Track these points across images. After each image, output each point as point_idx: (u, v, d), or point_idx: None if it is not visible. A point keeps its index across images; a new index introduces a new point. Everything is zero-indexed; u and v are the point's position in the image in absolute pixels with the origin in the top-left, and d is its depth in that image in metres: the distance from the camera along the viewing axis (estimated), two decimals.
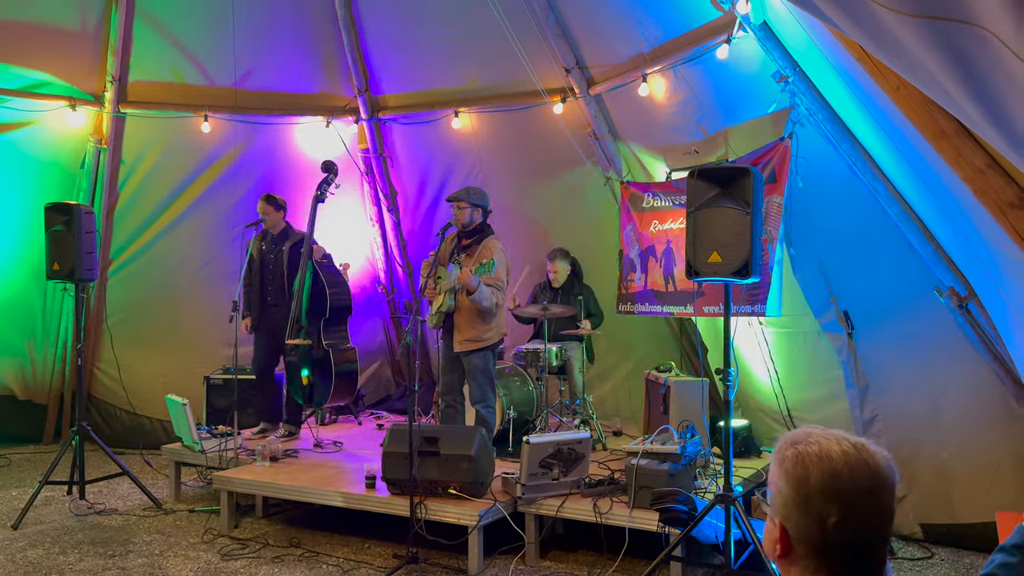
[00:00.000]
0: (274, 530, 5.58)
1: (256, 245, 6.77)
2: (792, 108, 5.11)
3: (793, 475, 1.43)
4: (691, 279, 4.62)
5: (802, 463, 1.42)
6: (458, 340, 5.70)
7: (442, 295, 5.71)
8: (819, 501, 1.40)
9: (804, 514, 1.42)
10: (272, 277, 6.66)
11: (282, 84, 7.75)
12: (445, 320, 5.78)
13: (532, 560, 4.88)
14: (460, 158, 7.67)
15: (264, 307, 6.62)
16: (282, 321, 6.57)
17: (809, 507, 1.41)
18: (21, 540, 5.31)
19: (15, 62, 6.96)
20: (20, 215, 7.34)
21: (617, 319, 6.93)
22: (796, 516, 1.43)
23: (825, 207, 5.27)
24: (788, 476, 1.44)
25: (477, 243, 5.79)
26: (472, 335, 5.66)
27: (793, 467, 1.43)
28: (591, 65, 6.62)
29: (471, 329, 5.66)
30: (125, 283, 7.95)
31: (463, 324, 5.68)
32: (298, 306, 6.40)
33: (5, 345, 7.77)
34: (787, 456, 1.45)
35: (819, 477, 1.40)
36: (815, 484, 1.40)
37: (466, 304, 5.63)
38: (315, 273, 6.45)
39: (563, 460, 4.87)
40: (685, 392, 5.74)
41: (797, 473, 1.42)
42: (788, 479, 1.44)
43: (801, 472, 1.42)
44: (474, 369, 5.73)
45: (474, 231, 5.81)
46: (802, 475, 1.42)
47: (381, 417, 7.79)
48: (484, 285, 5.49)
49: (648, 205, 6.61)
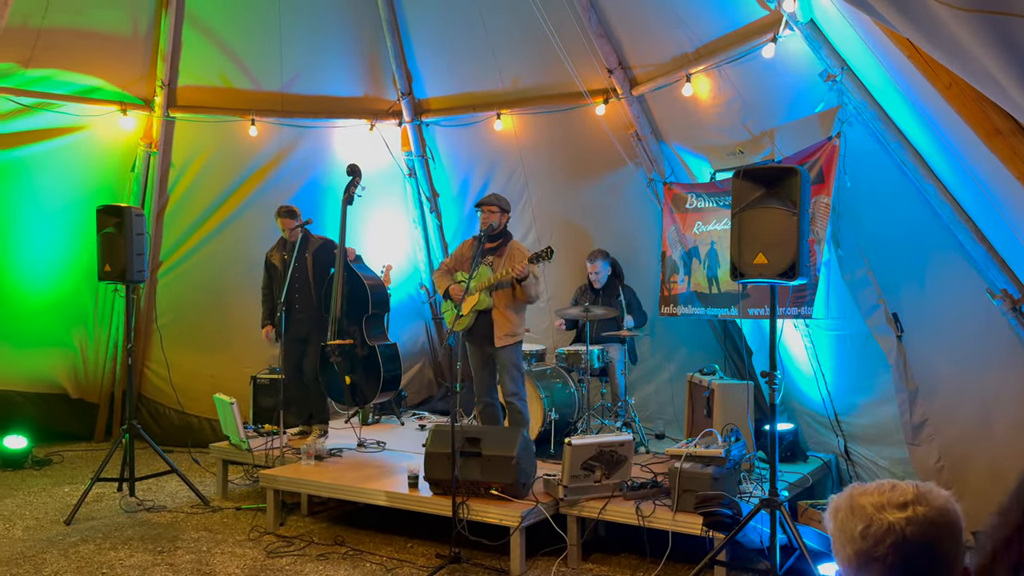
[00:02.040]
0: (319, 528, 5.64)
1: (277, 255, 6.82)
2: (840, 107, 5.03)
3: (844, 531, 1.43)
4: (736, 281, 4.58)
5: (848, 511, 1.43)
6: (498, 336, 5.81)
7: (476, 294, 5.80)
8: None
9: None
10: (299, 285, 6.67)
11: (327, 88, 7.84)
12: (476, 319, 5.84)
13: (574, 562, 4.87)
14: (502, 160, 7.68)
15: (291, 314, 6.63)
16: (310, 326, 6.64)
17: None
18: (74, 535, 5.43)
19: (68, 68, 7.14)
20: (73, 218, 7.52)
21: (660, 321, 6.88)
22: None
23: (874, 208, 5.18)
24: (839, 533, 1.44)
25: (503, 245, 5.92)
26: (509, 330, 5.82)
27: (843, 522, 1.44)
28: (634, 65, 6.59)
29: (508, 324, 5.82)
30: (174, 284, 8.10)
31: (500, 320, 5.81)
32: (337, 307, 6.46)
33: (58, 345, 7.96)
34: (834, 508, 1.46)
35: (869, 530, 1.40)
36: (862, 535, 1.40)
37: (503, 300, 5.80)
38: (351, 273, 6.51)
39: (605, 462, 4.85)
40: (729, 395, 5.68)
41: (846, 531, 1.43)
42: (839, 534, 1.44)
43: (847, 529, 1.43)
44: (508, 363, 5.86)
45: (499, 235, 5.95)
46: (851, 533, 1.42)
47: (424, 418, 7.82)
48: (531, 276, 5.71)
49: (692, 206, 6.55)
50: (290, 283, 6.60)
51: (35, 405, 7.99)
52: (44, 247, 7.69)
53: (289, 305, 6.55)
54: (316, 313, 6.65)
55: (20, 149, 7.26)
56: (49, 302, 7.80)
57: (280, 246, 6.87)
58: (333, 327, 6.47)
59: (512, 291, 5.81)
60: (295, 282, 6.66)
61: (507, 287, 5.79)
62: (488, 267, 5.83)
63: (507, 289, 5.82)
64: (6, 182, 7.36)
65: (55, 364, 8.04)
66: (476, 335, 5.91)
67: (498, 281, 5.74)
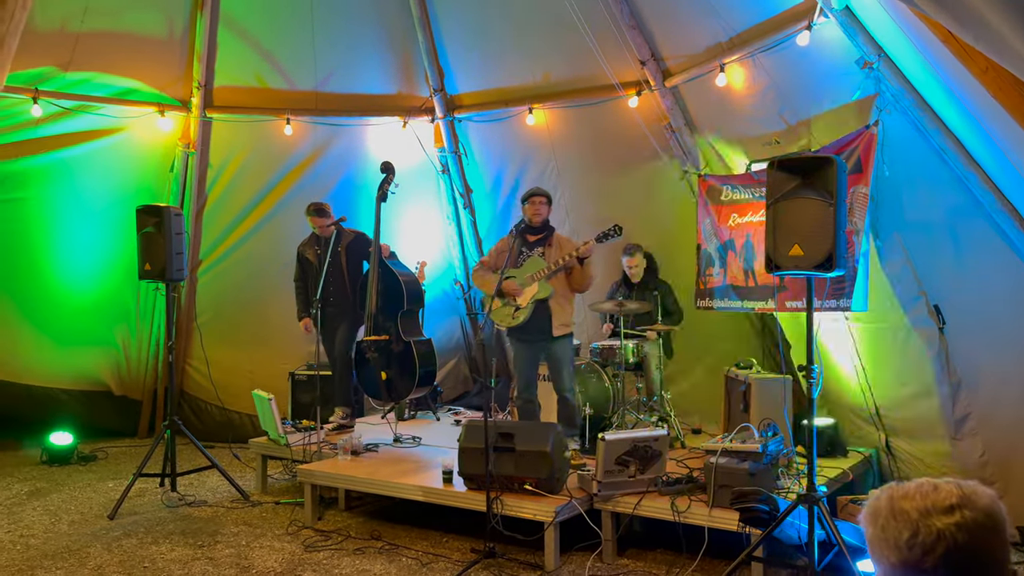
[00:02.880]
0: (356, 522, 5.68)
1: (311, 250, 6.86)
2: (877, 95, 4.93)
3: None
4: (770, 273, 4.51)
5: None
6: (556, 326, 5.86)
7: (535, 284, 5.81)
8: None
9: None
10: (333, 279, 6.74)
11: (361, 86, 7.89)
12: (533, 311, 5.84)
13: (609, 557, 4.84)
14: (534, 155, 7.66)
15: (326, 308, 6.68)
16: (342, 320, 6.69)
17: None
18: (116, 530, 5.54)
19: (106, 71, 7.27)
20: (114, 218, 7.65)
21: (696, 315, 6.82)
22: None
23: (913, 197, 5.08)
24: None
25: (548, 236, 5.96)
26: (564, 319, 5.89)
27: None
28: (667, 56, 6.52)
29: (564, 313, 5.90)
30: (214, 282, 8.22)
31: (558, 309, 5.87)
32: (372, 303, 6.49)
33: (102, 343, 8.12)
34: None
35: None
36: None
37: (560, 289, 5.85)
38: (385, 269, 6.54)
39: (639, 457, 4.82)
40: (767, 390, 5.61)
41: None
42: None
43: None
44: (563, 357, 5.93)
45: (543, 227, 5.97)
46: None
47: (459, 413, 7.85)
48: None
49: (727, 198, 6.48)
50: (325, 278, 6.65)
51: (80, 402, 8.16)
52: (87, 247, 7.84)
53: (324, 300, 6.61)
54: (351, 306, 6.72)
55: (61, 151, 7.41)
56: (92, 301, 7.96)
57: (313, 241, 6.95)
58: (369, 323, 6.51)
59: (567, 279, 5.86)
60: (330, 276, 6.73)
61: (564, 272, 5.84)
62: (540, 258, 5.88)
63: (562, 277, 5.87)
64: (49, 184, 7.53)
65: (99, 362, 8.20)
66: (530, 329, 5.90)
67: (562, 265, 5.77)
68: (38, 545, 5.23)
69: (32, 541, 5.31)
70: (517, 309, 5.87)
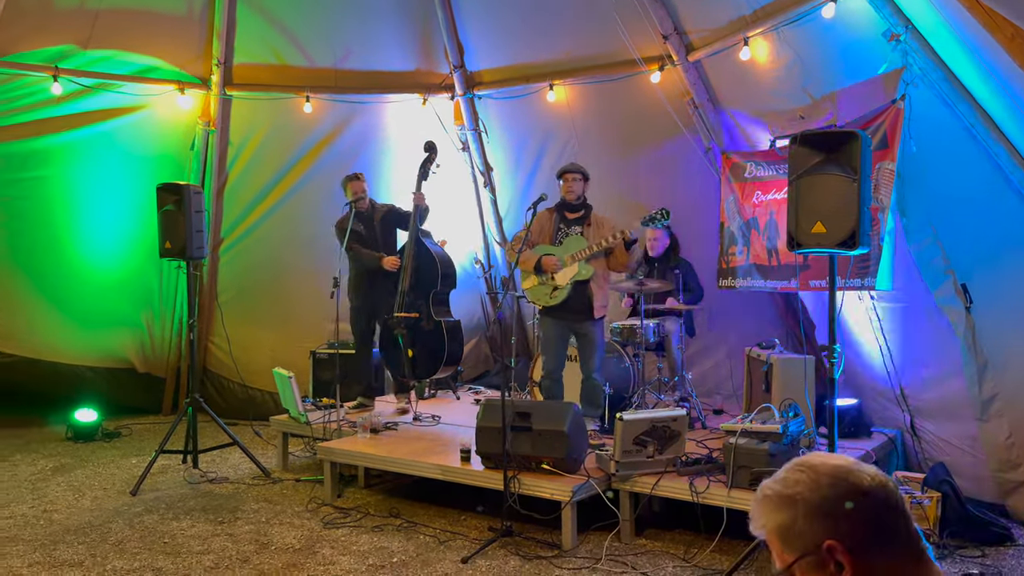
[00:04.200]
0: (375, 500, 5.70)
1: (352, 223, 6.82)
2: (904, 68, 4.80)
3: (812, 480, 1.40)
4: (792, 251, 4.45)
5: (808, 468, 1.42)
6: (597, 307, 5.84)
7: (575, 265, 5.78)
8: (835, 498, 1.37)
9: (842, 506, 1.36)
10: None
11: (380, 63, 7.82)
12: (572, 291, 5.81)
13: (627, 537, 4.82)
14: (555, 132, 7.58)
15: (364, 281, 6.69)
16: (380, 295, 6.66)
17: (835, 509, 1.36)
18: (138, 506, 5.59)
19: (126, 48, 7.27)
20: (136, 196, 7.66)
21: (719, 294, 6.74)
22: (839, 516, 1.36)
23: (941, 173, 4.95)
24: (808, 486, 1.40)
25: (587, 215, 5.91)
26: (603, 300, 5.89)
27: (801, 477, 1.41)
28: (690, 30, 6.40)
29: (602, 295, 5.89)
30: (235, 261, 8.25)
31: (597, 291, 5.84)
32: (406, 280, 6.47)
33: (125, 321, 8.19)
34: (786, 478, 1.42)
35: (830, 469, 1.40)
36: (832, 474, 1.39)
37: (600, 270, 5.83)
38: (422, 247, 6.51)
39: (658, 438, 4.77)
40: (789, 370, 5.53)
41: (812, 477, 1.40)
42: (810, 488, 1.39)
43: (813, 476, 1.41)
44: (597, 339, 5.93)
45: (581, 204, 5.91)
46: (816, 476, 1.40)
47: (479, 392, 7.84)
48: None
49: (751, 175, 6.37)
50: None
51: (104, 380, 8.25)
52: (109, 226, 7.89)
53: (366, 273, 6.62)
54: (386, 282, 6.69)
55: (83, 129, 7.44)
56: (116, 279, 8.02)
57: (353, 216, 6.81)
58: (400, 300, 6.49)
59: (606, 260, 5.82)
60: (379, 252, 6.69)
61: (602, 256, 5.79)
62: (579, 236, 5.82)
63: (601, 259, 5.81)
64: (70, 162, 7.57)
65: (123, 340, 8.27)
66: (568, 308, 5.86)
67: (607, 246, 5.71)
68: (61, 520, 5.30)
69: (56, 516, 5.38)
70: (556, 289, 5.82)
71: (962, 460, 5.18)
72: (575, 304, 5.83)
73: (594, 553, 4.64)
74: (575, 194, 5.87)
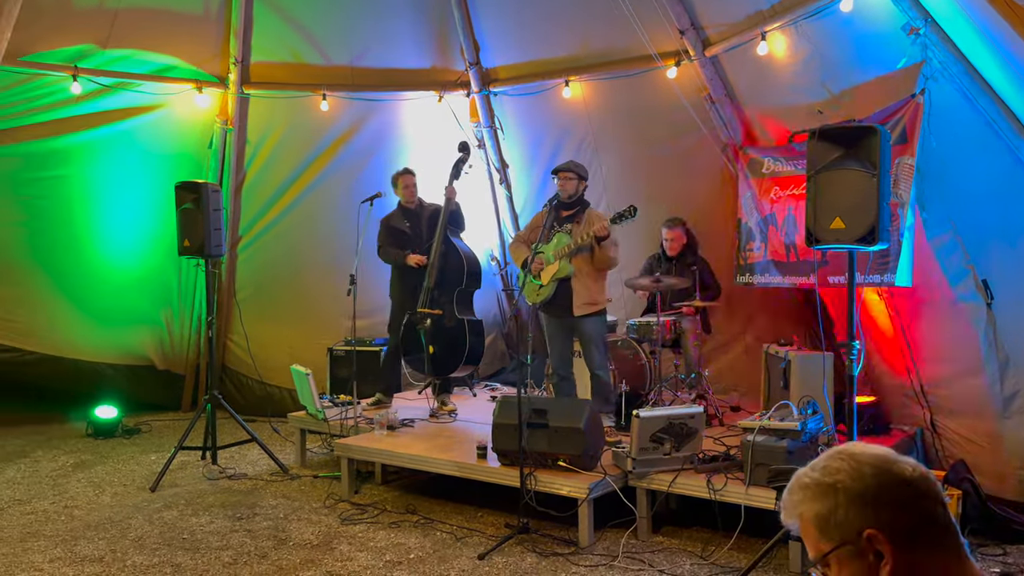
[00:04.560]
0: (392, 496, 5.72)
1: (402, 224, 6.77)
2: (924, 62, 4.74)
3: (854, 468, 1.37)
4: (811, 247, 4.43)
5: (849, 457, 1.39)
6: (577, 305, 5.80)
7: (556, 263, 5.74)
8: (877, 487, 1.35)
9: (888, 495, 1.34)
10: (421, 251, 6.65)
11: (395, 61, 7.83)
12: (556, 289, 5.79)
13: (644, 535, 4.81)
14: (570, 128, 7.56)
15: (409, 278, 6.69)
16: (412, 291, 6.66)
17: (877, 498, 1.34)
18: (158, 502, 5.64)
19: (144, 47, 7.31)
20: (155, 194, 7.71)
21: (736, 290, 6.70)
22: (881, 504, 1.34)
23: (961, 168, 4.90)
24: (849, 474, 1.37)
25: (580, 212, 5.88)
26: (588, 298, 5.80)
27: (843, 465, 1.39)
28: (706, 25, 6.36)
29: (587, 292, 5.81)
30: (253, 259, 8.29)
31: (580, 288, 5.80)
32: (432, 276, 6.48)
33: (145, 318, 8.25)
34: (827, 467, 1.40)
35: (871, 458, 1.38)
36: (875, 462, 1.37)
37: (583, 268, 5.78)
38: (450, 246, 6.51)
39: (675, 435, 4.76)
40: (807, 367, 5.50)
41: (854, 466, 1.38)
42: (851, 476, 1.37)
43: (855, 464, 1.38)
44: (592, 335, 5.87)
45: (575, 203, 5.91)
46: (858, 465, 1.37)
47: (495, 389, 7.84)
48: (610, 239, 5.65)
49: (768, 171, 6.33)
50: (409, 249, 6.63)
51: (125, 376, 8.32)
52: (129, 225, 7.95)
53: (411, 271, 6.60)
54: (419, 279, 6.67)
55: (102, 128, 7.49)
56: (135, 277, 8.07)
57: (402, 214, 6.81)
58: (425, 296, 6.50)
59: (591, 257, 5.77)
60: (412, 247, 6.66)
61: (587, 252, 5.76)
62: (566, 234, 5.82)
63: (586, 255, 5.79)
64: (90, 162, 7.62)
65: (143, 337, 8.33)
66: (555, 306, 5.90)
67: (579, 245, 5.70)
68: (82, 516, 5.36)
69: (76, 512, 5.44)
70: (541, 287, 5.85)
71: (983, 457, 5.13)
72: (561, 301, 5.86)
73: (611, 550, 4.63)
74: (567, 192, 5.86)
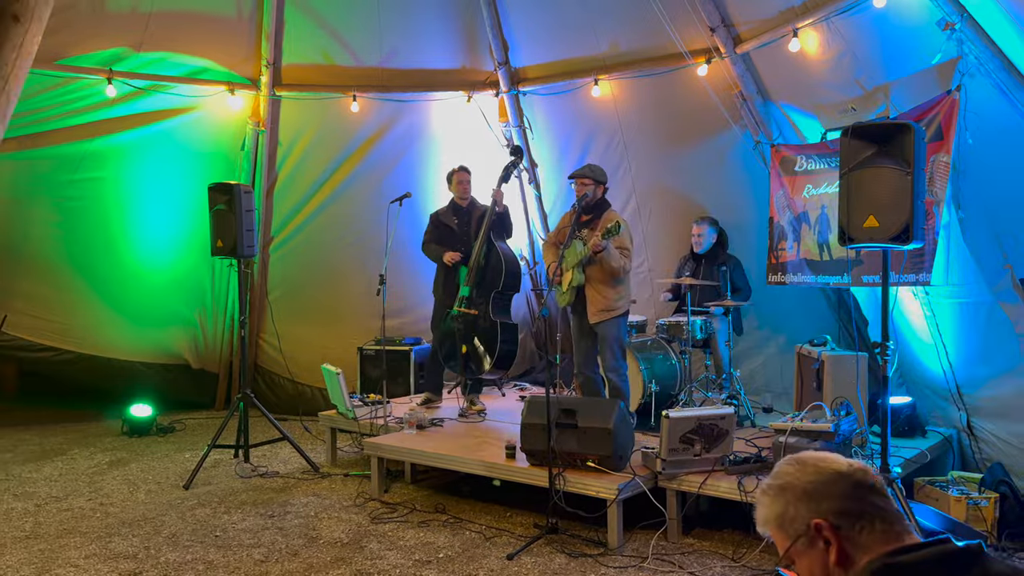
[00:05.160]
0: (421, 496, 5.74)
1: (451, 219, 6.75)
2: (960, 58, 4.66)
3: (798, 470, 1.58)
4: (844, 245, 4.37)
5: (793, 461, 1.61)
6: (592, 312, 5.77)
7: (570, 271, 5.76)
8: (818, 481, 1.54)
9: (826, 488, 1.53)
10: (466, 249, 6.65)
11: (425, 61, 7.86)
12: (577, 294, 5.81)
13: (674, 536, 4.77)
14: (600, 127, 7.53)
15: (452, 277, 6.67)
16: (453, 290, 6.67)
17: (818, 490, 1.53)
18: (191, 499, 5.70)
19: (177, 50, 7.42)
20: (189, 196, 7.81)
21: (769, 290, 6.63)
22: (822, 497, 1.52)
23: (999, 165, 4.80)
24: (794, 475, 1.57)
25: (597, 217, 5.83)
26: (604, 305, 5.75)
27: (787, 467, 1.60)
28: (737, 22, 6.31)
29: (602, 299, 5.75)
30: (285, 259, 8.36)
31: (594, 295, 5.77)
32: (471, 276, 6.49)
33: (179, 318, 8.36)
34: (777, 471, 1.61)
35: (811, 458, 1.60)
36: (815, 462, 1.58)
37: (595, 275, 5.73)
38: (492, 248, 6.51)
39: (705, 436, 4.72)
40: (840, 367, 5.42)
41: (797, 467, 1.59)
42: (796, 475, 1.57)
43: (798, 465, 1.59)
44: (608, 338, 5.80)
45: (594, 207, 5.85)
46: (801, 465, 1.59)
47: (525, 389, 7.83)
48: (612, 247, 5.55)
49: (801, 168, 6.26)
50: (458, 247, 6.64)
51: (159, 375, 8.44)
52: (163, 226, 8.06)
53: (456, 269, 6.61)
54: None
55: (136, 131, 7.60)
56: (170, 278, 8.19)
57: (451, 210, 6.80)
58: (463, 296, 6.53)
59: (603, 265, 5.72)
60: (462, 246, 6.67)
61: (596, 262, 5.71)
62: (581, 241, 5.75)
63: (598, 264, 5.73)
64: (125, 164, 7.74)
65: (177, 337, 8.44)
66: (578, 308, 5.90)
67: (584, 257, 5.67)
68: (116, 513, 5.43)
69: (111, 509, 5.52)
70: (562, 293, 5.86)
71: (1021, 460, 5.03)
72: (579, 307, 5.86)
73: (640, 552, 4.61)
74: (586, 198, 5.80)
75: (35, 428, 7.85)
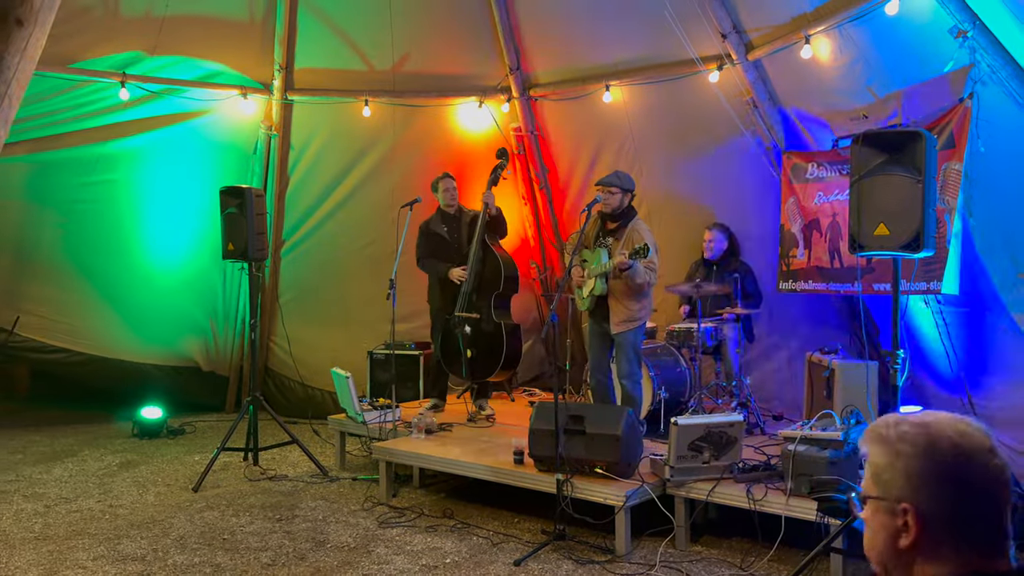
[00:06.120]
0: (429, 500, 5.74)
1: (440, 228, 6.78)
2: (972, 66, 4.64)
3: (921, 446, 1.37)
4: (854, 253, 4.36)
5: (925, 434, 1.38)
6: (615, 323, 5.72)
7: (592, 280, 5.70)
8: (931, 471, 1.35)
9: (936, 485, 1.34)
10: (459, 256, 6.67)
11: (437, 66, 7.87)
12: (596, 303, 5.77)
13: (682, 544, 4.76)
14: (611, 133, 7.52)
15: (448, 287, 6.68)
16: (452, 297, 6.67)
17: (926, 481, 1.35)
18: (200, 502, 5.72)
19: (190, 54, 7.45)
20: (201, 199, 7.84)
21: (779, 298, 6.61)
22: (926, 490, 1.35)
23: (1011, 173, 4.78)
24: (914, 448, 1.37)
25: (624, 226, 5.74)
26: (626, 316, 5.70)
27: (916, 438, 1.38)
28: (749, 29, 6.30)
29: (625, 311, 5.70)
30: (296, 263, 8.38)
31: (617, 307, 5.71)
32: (470, 280, 6.50)
33: (190, 321, 8.39)
34: (905, 431, 1.39)
35: (947, 444, 1.36)
36: (945, 451, 1.35)
37: (620, 289, 5.66)
38: (488, 250, 6.52)
39: (714, 443, 4.70)
40: (851, 375, 5.41)
41: (923, 444, 1.37)
42: (914, 452, 1.37)
43: (926, 442, 1.37)
44: (626, 345, 5.77)
45: (621, 215, 5.77)
46: (928, 445, 1.36)
47: (534, 394, 7.82)
48: (639, 264, 5.46)
49: (812, 176, 6.24)
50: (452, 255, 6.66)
51: (170, 378, 8.46)
52: (175, 229, 8.09)
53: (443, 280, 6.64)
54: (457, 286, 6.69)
55: (149, 134, 7.64)
56: (181, 281, 8.21)
57: (440, 219, 6.82)
58: (463, 300, 6.53)
59: (627, 281, 5.63)
60: (455, 253, 6.68)
61: (621, 278, 5.64)
62: (605, 250, 5.68)
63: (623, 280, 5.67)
64: (137, 167, 7.78)
65: (188, 339, 8.47)
66: (596, 314, 5.86)
67: (607, 270, 5.61)
68: (125, 515, 5.46)
69: (120, 511, 5.54)
70: (582, 298, 5.83)
71: None
72: (598, 314, 5.81)
73: (648, 559, 4.59)
74: (611, 207, 5.71)
75: (46, 429, 7.89)
